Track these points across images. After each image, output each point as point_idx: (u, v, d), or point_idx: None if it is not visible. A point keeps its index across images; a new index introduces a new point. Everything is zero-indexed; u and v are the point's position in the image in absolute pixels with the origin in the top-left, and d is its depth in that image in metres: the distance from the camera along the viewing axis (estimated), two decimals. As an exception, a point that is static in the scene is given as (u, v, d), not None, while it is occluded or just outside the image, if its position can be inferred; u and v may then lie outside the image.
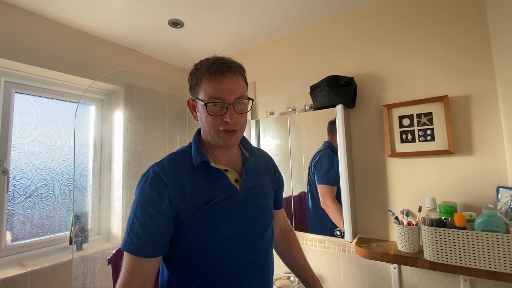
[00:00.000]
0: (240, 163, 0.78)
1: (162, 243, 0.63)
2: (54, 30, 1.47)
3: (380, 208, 1.32)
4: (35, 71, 1.45)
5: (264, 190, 0.79)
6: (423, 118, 1.21)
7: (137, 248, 0.60)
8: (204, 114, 0.68)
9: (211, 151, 0.74)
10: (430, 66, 1.22)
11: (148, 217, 0.61)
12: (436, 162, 1.19)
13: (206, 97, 0.66)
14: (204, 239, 0.65)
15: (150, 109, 1.89)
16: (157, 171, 0.65)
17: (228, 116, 0.65)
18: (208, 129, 0.69)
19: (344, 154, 1.29)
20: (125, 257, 0.62)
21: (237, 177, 0.74)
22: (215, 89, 0.65)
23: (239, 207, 0.70)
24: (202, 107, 0.67)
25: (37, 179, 1.50)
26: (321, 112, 1.41)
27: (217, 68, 0.65)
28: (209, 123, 0.67)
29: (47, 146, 1.55)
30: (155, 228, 0.62)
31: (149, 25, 1.54)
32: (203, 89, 0.66)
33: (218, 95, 0.65)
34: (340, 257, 1.41)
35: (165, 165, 0.67)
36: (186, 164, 0.69)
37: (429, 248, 1.04)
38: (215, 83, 0.65)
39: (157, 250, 0.62)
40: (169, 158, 0.70)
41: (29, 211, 1.47)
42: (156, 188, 0.63)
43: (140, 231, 0.61)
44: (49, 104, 1.58)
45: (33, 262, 1.39)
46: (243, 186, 0.72)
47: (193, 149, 0.72)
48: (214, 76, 0.65)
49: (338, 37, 1.50)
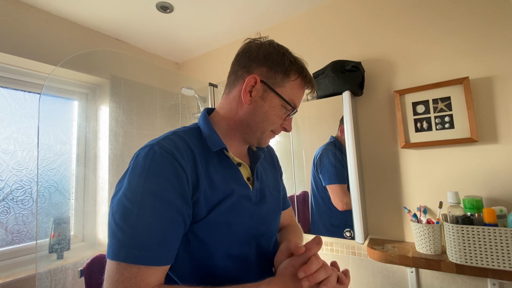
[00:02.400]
0: (247, 159, 0.68)
1: (179, 242, 0.49)
2: (31, 16, 1.33)
3: (393, 205, 1.19)
4: (9, 60, 1.30)
5: (273, 193, 0.68)
6: (440, 103, 1.09)
7: (149, 254, 0.43)
8: (272, 110, 0.59)
9: (226, 139, 0.61)
10: (447, 45, 1.10)
11: (165, 207, 0.45)
12: (456, 152, 1.06)
13: (288, 99, 0.60)
14: (211, 246, 0.52)
15: (139, 105, 1.75)
16: (168, 150, 0.48)
17: (289, 125, 0.64)
18: (262, 124, 0.60)
19: (352, 146, 1.16)
20: (122, 273, 0.42)
21: (249, 174, 0.63)
22: (298, 97, 0.62)
23: (251, 211, 0.58)
24: (276, 102, 0.59)
25: (12, 180, 1.35)
26: (325, 101, 1.28)
27: (310, 80, 0.62)
28: (270, 120, 0.60)
29: (23, 144, 1.40)
30: (177, 221, 0.47)
31: (135, 9, 1.41)
32: (290, 89, 0.59)
33: (297, 104, 0.62)
34: (349, 260, 1.27)
35: (176, 143, 0.51)
36: (198, 147, 0.55)
37: (454, 249, 0.91)
38: (300, 91, 0.62)
39: (174, 253, 0.47)
40: (176, 135, 0.54)
41: (3, 216, 1.31)
42: (171, 168, 0.47)
43: (154, 229, 0.44)
44: (26, 98, 1.43)
45: (7, 273, 1.23)
46: (254, 186, 0.61)
47: (206, 132, 0.58)
48: (305, 86, 0.62)
49: (342, 19, 1.38)
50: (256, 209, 0.59)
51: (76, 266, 1.25)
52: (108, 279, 0.42)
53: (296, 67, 0.59)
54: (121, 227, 0.44)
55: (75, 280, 1.22)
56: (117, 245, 0.43)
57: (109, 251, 0.44)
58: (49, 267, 1.25)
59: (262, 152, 0.68)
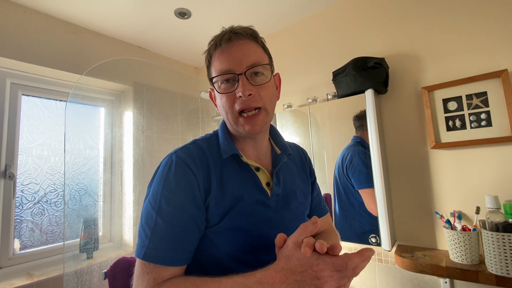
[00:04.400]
0: (270, 162, 0.64)
1: (194, 245, 0.51)
2: (59, 28, 1.41)
3: (423, 210, 1.11)
4: (41, 72, 1.39)
5: (299, 199, 0.64)
6: (475, 99, 1.00)
7: (163, 255, 0.47)
8: (217, 96, 0.57)
9: (239, 142, 0.61)
10: (481, 36, 1.01)
11: (179, 212, 0.49)
12: (495, 152, 0.97)
13: (215, 73, 0.55)
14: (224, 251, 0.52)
15: (161, 109, 1.80)
16: (183, 158, 0.53)
17: (240, 89, 0.52)
18: (225, 114, 0.57)
19: (377, 148, 1.10)
20: (143, 268, 0.47)
21: (269, 179, 0.60)
22: (222, 61, 0.54)
23: (269, 217, 0.56)
24: (216, 89, 0.57)
25: (46, 184, 1.44)
26: (346, 101, 1.23)
27: (223, 36, 0.55)
28: (224, 105, 0.56)
29: (55, 150, 1.49)
30: (190, 225, 0.49)
31: (155, 16, 1.45)
32: (214, 66, 0.56)
33: (226, 66, 0.53)
34: (376, 268, 1.21)
35: (191, 152, 0.55)
36: (213, 155, 0.57)
37: (493, 259, 0.83)
38: (222, 54, 0.54)
39: (189, 255, 0.50)
40: (194, 144, 0.58)
41: (38, 218, 1.40)
42: (184, 176, 0.51)
43: (168, 232, 0.48)
44: (57, 106, 1.52)
45: (41, 271, 1.31)
46: (274, 192, 0.58)
47: (221, 139, 0.59)
48: (221, 47, 0.55)
49: (363, 14, 1.32)
50: (276, 215, 0.57)
51: (101, 267, 1.31)
52: (136, 274, 0.48)
53: (211, 44, 0.57)
54: (144, 229, 0.49)
55: (100, 282, 1.27)
56: (140, 245, 0.48)
57: (136, 249, 0.49)
58: (80, 266, 1.31)
59: (286, 155, 0.64)
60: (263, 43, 0.59)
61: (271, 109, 0.58)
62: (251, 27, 0.58)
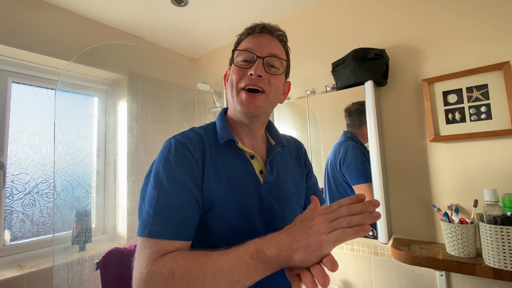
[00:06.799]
0: (264, 152, 0.67)
1: (196, 222, 0.52)
2: (51, 13, 1.36)
3: (420, 203, 1.11)
4: (33, 58, 1.35)
5: (292, 189, 0.66)
6: (476, 92, 0.99)
7: (169, 230, 0.47)
8: (231, 71, 0.62)
9: (236, 130, 0.64)
10: (483, 28, 1.00)
11: (180, 189, 0.50)
12: (494, 145, 0.96)
13: (239, 48, 0.61)
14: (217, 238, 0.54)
15: (157, 100, 1.76)
16: (182, 141, 0.55)
17: (253, 69, 0.57)
18: (230, 88, 0.60)
19: (376, 140, 1.09)
20: (145, 244, 0.47)
21: (262, 167, 0.63)
22: (249, 42, 0.60)
23: (260, 204, 0.57)
24: (233, 64, 0.61)
25: (37, 174, 1.41)
26: (346, 92, 1.21)
27: (257, 26, 0.62)
28: (233, 79, 0.60)
29: (47, 140, 1.45)
30: (192, 202, 0.51)
31: (150, 2, 1.40)
32: (240, 46, 0.62)
33: (251, 47, 0.59)
34: (371, 261, 1.20)
35: (189, 136, 0.58)
36: (210, 141, 0.60)
37: (491, 252, 0.83)
38: (251, 39, 0.61)
39: (192, 231, 0.51)
40: (192, 130, 0.61)
41: (29, 209, 1.37)
42: (184, 157, 0.53)
43: (172, 208, 0.49)
44: (49, 95, 1.48)
45: (32, 263, 1.29)
46: (266, 179, 0.60)
47: (218, 126, 0.62)
48: (253, 35, 0.61)
49: (363, 4, 1.29)
50: (267, 202, 0.59)
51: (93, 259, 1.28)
52: (138, 251, 0.48)
53: (243, 32, 0.64)
54: (147, 210, 0.49)
55: (91, 272, 1.25)
56: (143, 224, 0.48)
57: (138, 230, 0.49)
58: (71, 258, 1.29)
59: (280, 146, 0.67)
60: (287, 49, 0.66)
61: (272, 99, 0.61)
62: (284, 31, 0.66)
